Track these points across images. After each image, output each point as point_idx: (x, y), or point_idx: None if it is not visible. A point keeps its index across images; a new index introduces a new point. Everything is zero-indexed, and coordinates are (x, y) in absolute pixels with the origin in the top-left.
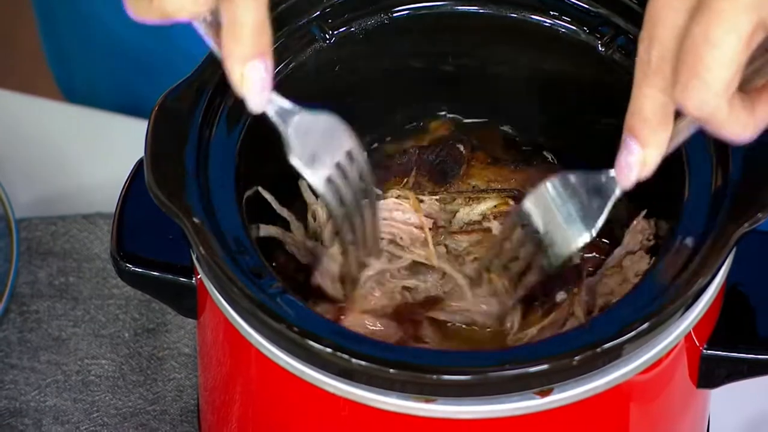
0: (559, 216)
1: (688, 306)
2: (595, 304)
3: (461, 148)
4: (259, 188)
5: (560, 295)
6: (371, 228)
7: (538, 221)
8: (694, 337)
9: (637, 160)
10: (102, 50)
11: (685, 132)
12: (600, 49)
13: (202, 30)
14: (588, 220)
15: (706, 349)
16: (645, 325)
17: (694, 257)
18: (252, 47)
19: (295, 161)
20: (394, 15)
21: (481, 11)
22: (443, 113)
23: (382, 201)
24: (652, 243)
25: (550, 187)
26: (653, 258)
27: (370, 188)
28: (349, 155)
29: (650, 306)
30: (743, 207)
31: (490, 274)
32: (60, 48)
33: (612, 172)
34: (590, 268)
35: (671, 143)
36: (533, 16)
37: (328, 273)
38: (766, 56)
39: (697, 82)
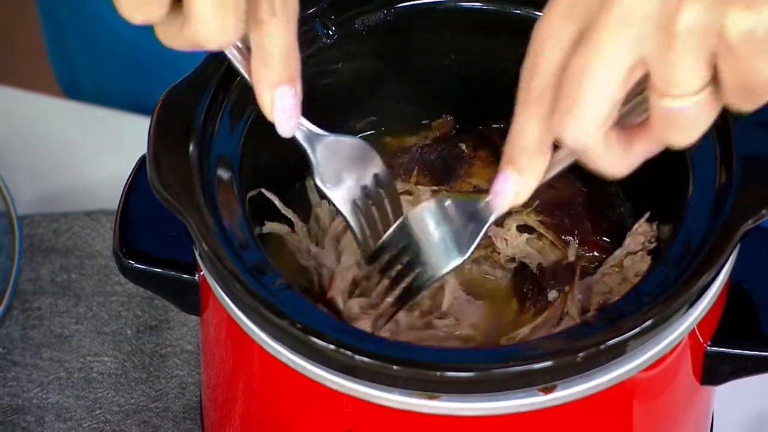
0: (433, 238)
1: (692, 303)
2: (590, 303)
3: (463, 146)
4: (263, 190)
5: (552, 294)
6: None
7: (415, 240)
8: (698, 334)
9: (512, 187)
10: (105, 49)
11: (564, 162)
12: None
13: (232, 57)
14: (461, 244)
15: (710, 346)
16: (649, 322)
17: (698, 254)
18: (281, 73)
19: (320, 184)
20: (398, 12)
21: (484, 7)
22: (446, 110)
23: None
24: (654, 245)
25: (426, 209)
26: (654, 260)
27: (398, 212)
28: (377, 179)
29: (654, 303)
30: (747, 203)
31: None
32: (63, 47)
33: (488, 198)
34: (591, 265)
35: (548, 173)
36: (538, 13)
37: (339, 289)
38: (645, 94)
39: (574, 113)
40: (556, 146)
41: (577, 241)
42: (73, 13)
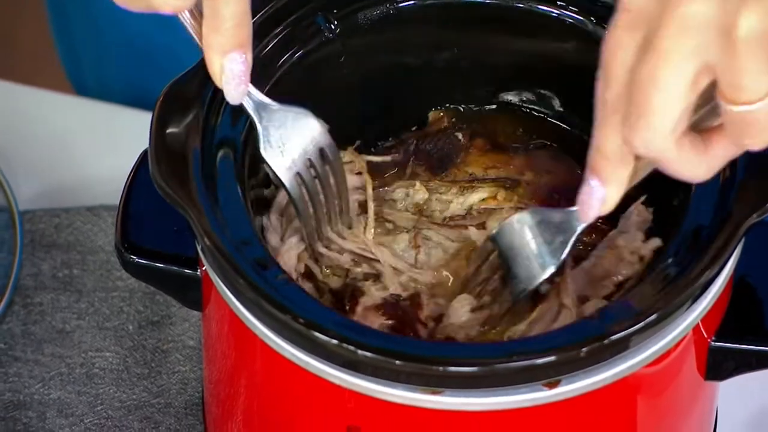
0: (522, 251)
1: (696, 297)
2: (588, 290)
3: (459, 136)
4: (265, 166)
5: (545, 287)
6: (342, 226)
7: (503, 254)
8: (702, 329)
9: (598, 197)
10: (113, 44)
11: (648, 168)
12: None
13: (184, 21)
14: (551, 255)
15: (714, 341)
16: (653, 317)
17: (702, 248)
18: (232, 39)
19: (264, 153)
20: (400, 5)
21: (487, 1)
22: (447, 103)
23: None
24: (648, 226)
25: (515, 222)
26: (649, 237)
27: (343, 187)
28: (322, 153)
29: (658, 297)
30: (752, 197)
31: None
32: (70, 42)
33: (574, 208)
34: (588, 248)
35: (633, 180)
36: (540, 7)
37: (291, 269)
38: (719, 98)
39: (643, 122)
40: None
41: None
42: (80, 7)
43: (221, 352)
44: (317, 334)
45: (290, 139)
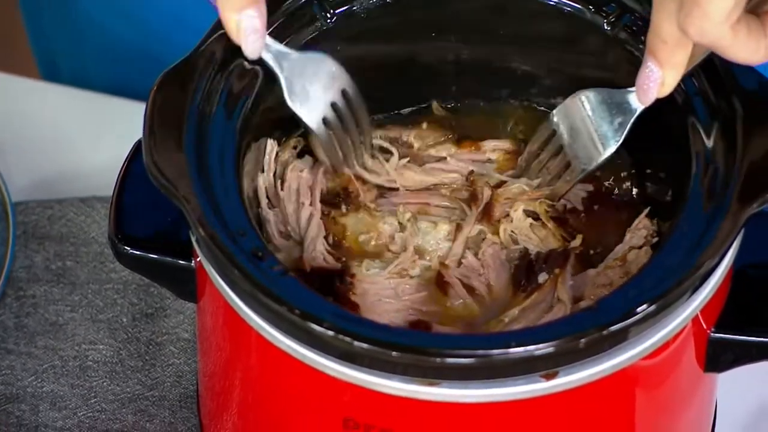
0: (583, 130)
1: (696, 288)
2: (587, 294)
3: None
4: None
5: (543, 277)
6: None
7: (563, 133)
8: (702, 320)
9: (656, 79)
10: (83, 37)
11: (705, 53)
12: (606, 27)
13: None
14: (610, 136)
15: (714, 332)
16: (652, 308)
17: (702, 239)
18: None
19: (289, 101)
20: None
21: None
22: (443, 94)
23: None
24: (655, 240)
25: (577, 101)
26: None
27: (365, 124)
28: (344, 94)
29: (657, 288)
30: (751, 188)
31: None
32: (46, 41)
33: (632, 89)
34: (593, 251)
35: (690, 63)
36: None
37: (320, 253)
38: None
39: (698, 11)
40: None
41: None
42: (57, 12)
43: (216, 344)
44: (313, 325)
45: (312, 85)
